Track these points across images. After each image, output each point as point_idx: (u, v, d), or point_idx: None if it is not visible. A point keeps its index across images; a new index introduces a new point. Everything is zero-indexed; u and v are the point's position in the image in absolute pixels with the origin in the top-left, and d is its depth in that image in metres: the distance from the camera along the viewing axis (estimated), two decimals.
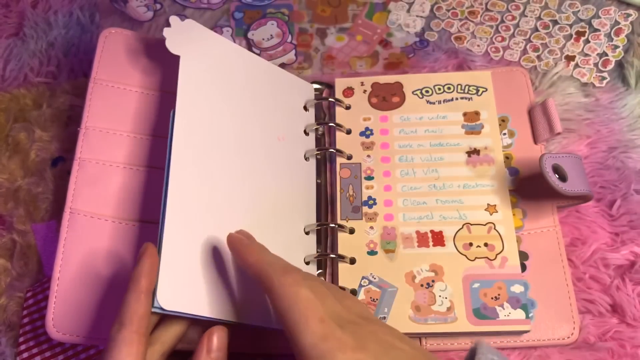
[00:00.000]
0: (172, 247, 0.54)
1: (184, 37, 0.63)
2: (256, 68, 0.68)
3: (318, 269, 0.63)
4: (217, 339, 0.50)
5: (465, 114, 0.68)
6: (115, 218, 0.62)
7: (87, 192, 0.62)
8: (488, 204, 0.63)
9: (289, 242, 0.63)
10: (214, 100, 0.62)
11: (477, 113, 0.68)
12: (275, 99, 0.68)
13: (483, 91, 0.69)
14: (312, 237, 0.64)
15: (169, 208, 0.55)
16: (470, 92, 0.69)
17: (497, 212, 0.63)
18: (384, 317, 0.59)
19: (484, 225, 0.62)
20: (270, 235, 0.61)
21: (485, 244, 0.61)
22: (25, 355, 0.61)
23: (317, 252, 0.64)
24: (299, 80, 0.72)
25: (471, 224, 0.63)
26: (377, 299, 0.60)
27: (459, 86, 0.69)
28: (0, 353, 0.61)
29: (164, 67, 0.69)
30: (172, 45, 0.61)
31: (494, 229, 0.62)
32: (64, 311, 0.58)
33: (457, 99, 0.69)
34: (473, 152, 0.66)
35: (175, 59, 0.61)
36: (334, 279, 0.62)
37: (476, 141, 0.66)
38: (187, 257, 0.55)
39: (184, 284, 0.54)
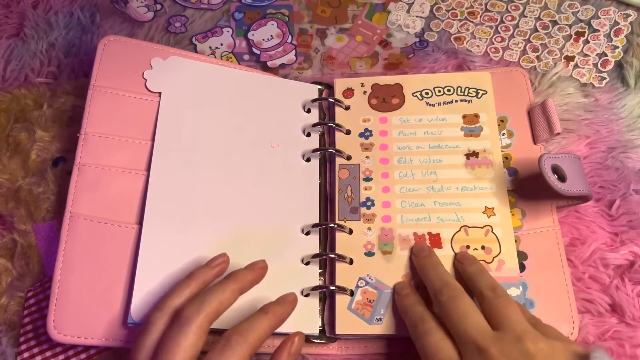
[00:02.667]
0: (147, 262, 0.60)
1: (165, 74, 0.69)
2: (244, 84, 0.71)
3: (320, 268, 0.63)
4: (297, 344, 0.54)
5: (464, 117, 0.68)
6: (115, 221, 0.62)
7: (87, 196, 0.62)
8: (486, 207, 0.63)
9: (287, 244, 0.63)
10: (194, 125, 0.67)
11: (476, 115, 0.68)
12: (266, 110, 0.70)
13: (483, 94, 0.69)
14: (314, 237, 0.64)
15: (145, 224, 0.62)
16: (470, 94, 0.69)
17: (494, 215, 0.63)
18: (380, 319, 0.59)
19: (482, 228, 0.62)
20: (265, 238, 0.63)
21: (483, 247, 0.61)
22: (26, 355, 0.61)
23: (319, 252, 0.64)
24: (298, 84, 0.73)
25: (468, 227, 0.63)
26: (373, 300, 0.60)
27: (459, 88, 0.69)
28: (1, 353, 0.62)
29: None
30: (152, 85, 0.68)
31: (492, 232, 0.62)
32: (65, 313, 0.58)
33: (456, 101, 0.69)
34: (472, 154, 0.66)
35: None
36: (332, 279, 0.62)
37: (475, 144, 0.66)
38: (162, 271, 0.60)
39: (156, 299, 0.59)
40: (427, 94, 0.69)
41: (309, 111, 0.71)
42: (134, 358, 0.51)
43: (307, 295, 0.61)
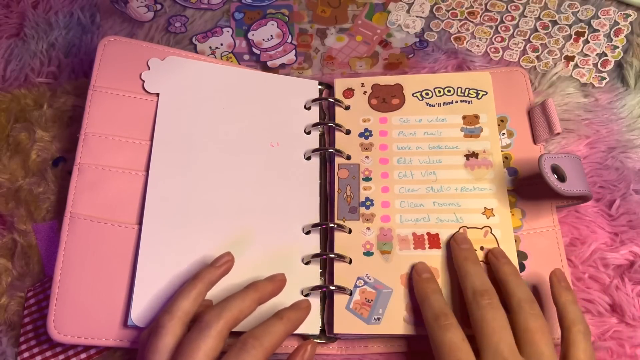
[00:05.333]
0: (147, 262, 0.60)
1: (163, 75, 0.69)
2: (241, 82, 0.71)
3: (320, 268, 0.63)
4: (309, 352, 0.55)
5: (464, 117, 0.68)
6: (115, 221, 0.62)
7: (87, 197, 0.63)
8: (485, 208, 0.63)
9: (287, 243, 0.63)
10: (193, 125, 0.68)
11: (476, 116, 0.68)
12: (267, 108, 0.70)
13: (483, 94, 0.69)
14: (314, 237, 0.64)
15: (144, 225, 0.62)
16: (470, 95, 0.69)
17: (493, 215, 0.63)
18: (378, 319, 0.59)
19: (480, 228, 0.62)
20: (266, 237, 0.63)
21: (481, 248, 0.61)
22: (26, 355, 0.61)
23: (320, 252, 0.64)
24: (299, 81, 0.73)
25: (467, 227, 0.62)
26: (372, 300, 0.60)
27: (459, 89, 0.69)
28: (1, 353, 0.62)
29: None
30: (150, 86, 0.68)
31: (490, 232, 0.62)
32: (65, 313, 0.58)
33: (456, 102, 0.69)
34: (471, 155, 0.66)
35: None
36: (331, 278, 0.62)
37: (475, 144, 0.66)
38: (162, 272, 0.60)
39: (156, 300, 0.59)
40: (427, 94, 0.69)
41: (309, 109, 0.71)
42: None
43: (307, 295, 0.61)
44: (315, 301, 0.61)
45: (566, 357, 0.52)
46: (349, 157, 0.67)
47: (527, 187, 0.65)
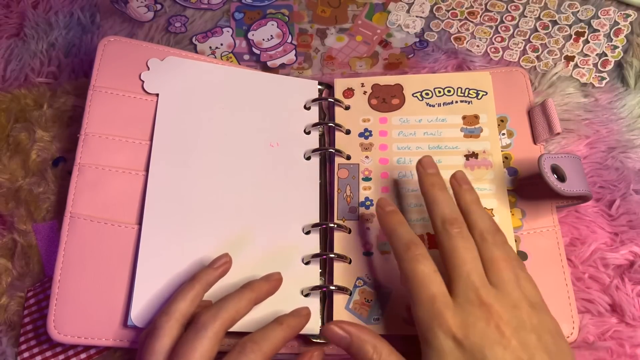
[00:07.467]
0: (147, 263, 0.60)
1: (163, 75, 0.69)
2: (241, 82, 0.71)
3: (320, 268, 0.63)
4: (315, 359, 0.55)
5: (464, 118, 0.68)
6: (115, 221, 0.62)
7: (87, 197, 0.63)
8: (485, 208, 0.63)
9: (287, 243, 0.63)
10: (192, 125, 0.68)
11: (476, 117, 0.68)
12: (266, 108, 0.70)
13: (483, 95, 0.69)
14: (314, 237, 0.64)
15: (144, 225, 0.62)
16: (470, 95, 0.69)
17: (493, 215, 0.63)
18: (378, 319, 0.59)
19: None
20: (266, 237, 0.63)
21: None
22: (26, 355, 0.61)
23: (320, 252, 0.64)
24: (298, 81, 0.73)
25: None
26: (371, 300, 0.60)
27: (459, 89, 0.69)
28: (1, 353, 0.62)
29: None
30: (150, 86, 0.68)
31: None
32: (65, 313, 0.58)
33: (456, 102, 0.69)
34: (471, 155, 0.66)
35: None
36: (330, 278, 0.62)
37: (475, 145, 0.66)
38: (161, 272, 0.60)
39: (156, 301, 0.59)
40: (427, 94, 0.69)
41: (309, 109, 0.71)
42: None
43: (307, 295, 0.61)
44: (315, 301, 0.61)
45: (497, 285, 0.51)
46: (348, 157, 0.67)
47: (527, 187, 0.65)
